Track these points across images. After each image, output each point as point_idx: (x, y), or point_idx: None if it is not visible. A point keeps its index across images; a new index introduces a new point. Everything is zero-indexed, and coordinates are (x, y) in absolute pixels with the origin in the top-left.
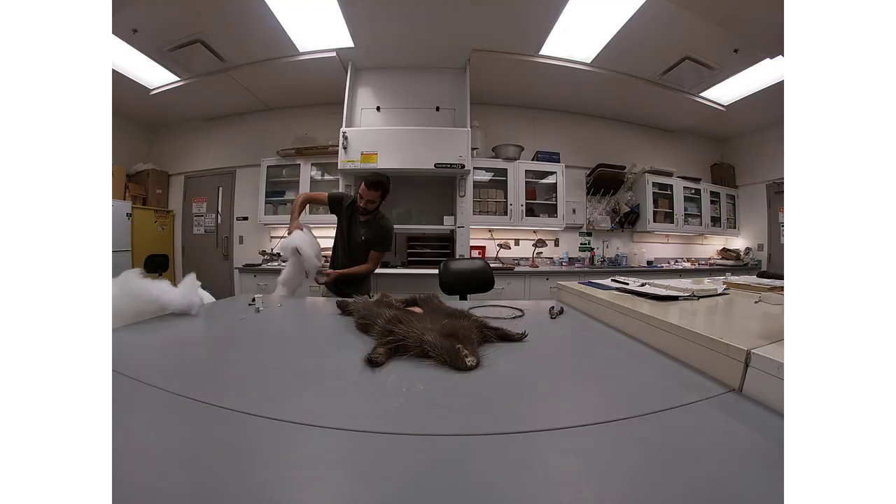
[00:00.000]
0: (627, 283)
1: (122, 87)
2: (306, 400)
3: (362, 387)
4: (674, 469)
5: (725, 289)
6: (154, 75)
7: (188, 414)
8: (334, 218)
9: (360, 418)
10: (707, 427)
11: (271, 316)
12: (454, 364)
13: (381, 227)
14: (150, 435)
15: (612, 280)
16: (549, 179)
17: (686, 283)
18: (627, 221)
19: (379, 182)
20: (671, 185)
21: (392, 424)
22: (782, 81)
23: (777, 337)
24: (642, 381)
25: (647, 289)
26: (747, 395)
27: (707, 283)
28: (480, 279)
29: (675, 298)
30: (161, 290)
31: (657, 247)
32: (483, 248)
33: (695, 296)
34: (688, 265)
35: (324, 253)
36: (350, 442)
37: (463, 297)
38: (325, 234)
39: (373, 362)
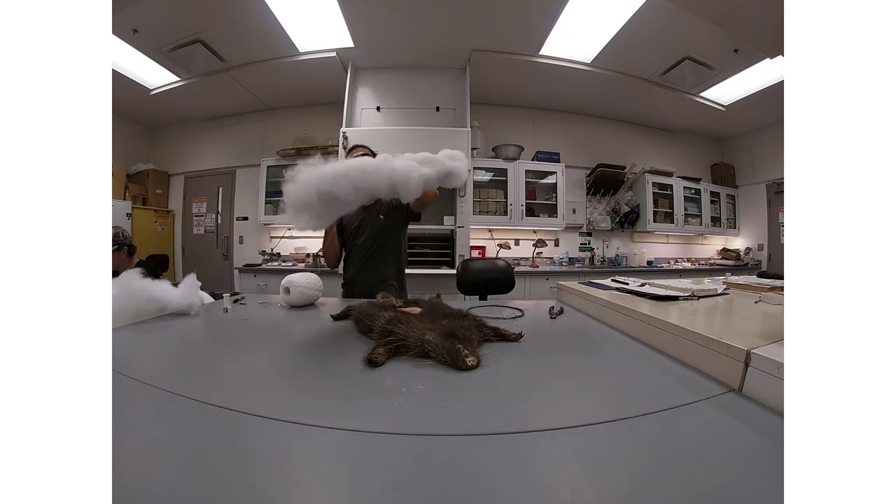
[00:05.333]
0: (627, 283)
1: (123, 86)
2: (306, 400)
3: (362, 387)
4: (674, 469)
5: (725, 289)
6: (154, 75)
7: (188, 414)
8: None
9: (360, 418)
10: (707, 427)
11: (270, 316)
12: (455, 364)
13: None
14: (149, 435)
15: (612, 280)
16: (549, 179)
17: (686, 283)
18: (627, 221)
19: (357, 145)
20: (671, 185)
21: (392, 424)
22: (782, 81)
23: (777, 337)
24: (642, 381)
25: (647, 289)
26: (747, 395)
27: (707, 283)
28: (501, 280)
29: (675, 298)
30: (161, 289)
31: (657, 247)
32: (483, 248)
33: (695, 296)
34: (688, 265)
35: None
36: (350, 442)
37: (483, 298)
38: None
39: (372, 362)
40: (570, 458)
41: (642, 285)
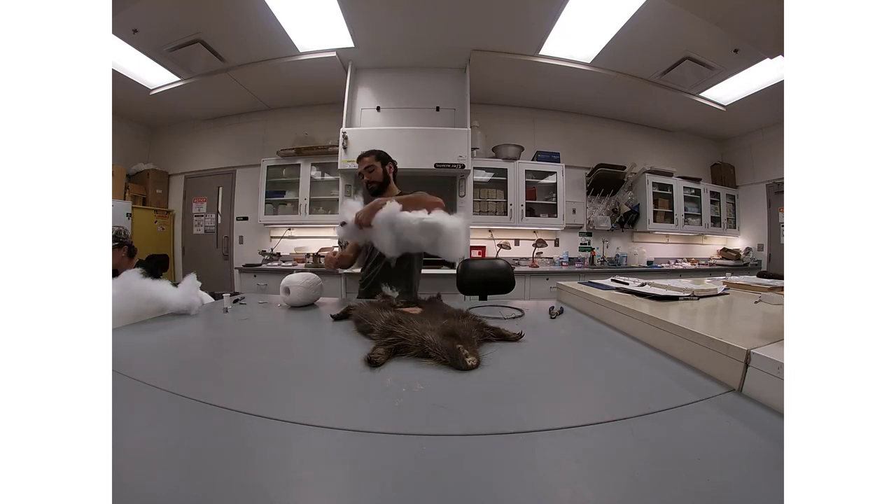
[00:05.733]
0: (627, 284)
1: (122, 86)
2: (306, 400)
3: (362, 387)
4: (674, 469)
5: (725, 289)
6: (154, 75)
7: (188, 414)
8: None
9: (360, 418)
10: (707, 427)
11: (271, 317)
12: (455, 364)
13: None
14: (150, 435)
15: (612, 280)
16: (549, 179)
17: (686, 283)
18: (627, 221)
19: (369, 151)
20: (671, 185)
21: (392, 424)
22: (782, 81)
23: (777, 337)
24: (642, 381)
25: (646, 289)
26: (747, 395)
27: (707, 283)
28: (501, 280)
29: (675, 298)
30: (161, 289)
31: (657, 247)
32: (483, 248)
33: (695, 296)
34: (688, 265)
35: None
36: (350, 442)
37: (483, 298)
38: (325, 234)
39: (372, 362)
40: (571, 458)
41: (642, 285)
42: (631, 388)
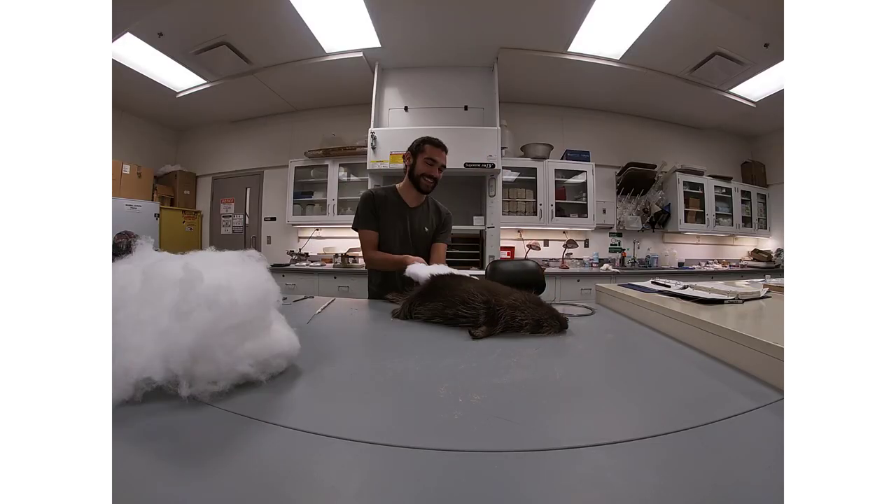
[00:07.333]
0: (669, 286)
1: (149, 90)
2: (336, 409)
3: (407, 395)
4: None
5: (767, 292)
6: (180, 78)
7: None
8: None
9: (401, 431)
10: (773, 434)
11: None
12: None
13: (440, 211)
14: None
15: (653, 282)
16: (579, 179)
17: (720, 286)
18: (658, 222)
19: (440, 141)
20: (702, 185)
21: (443, 439)
22: None
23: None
24: (700, 387)
25: (689, 291)
26: None
27: (744, 286)
28: (531, 282)
29: (721, 302)
30: None
31: (687, 248)
32: (512, 248)
33: (739, 299)
34: (719, 267)
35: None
36: (395, 458)
37: None
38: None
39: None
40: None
41: (684, 288)
42: (689, 395)
